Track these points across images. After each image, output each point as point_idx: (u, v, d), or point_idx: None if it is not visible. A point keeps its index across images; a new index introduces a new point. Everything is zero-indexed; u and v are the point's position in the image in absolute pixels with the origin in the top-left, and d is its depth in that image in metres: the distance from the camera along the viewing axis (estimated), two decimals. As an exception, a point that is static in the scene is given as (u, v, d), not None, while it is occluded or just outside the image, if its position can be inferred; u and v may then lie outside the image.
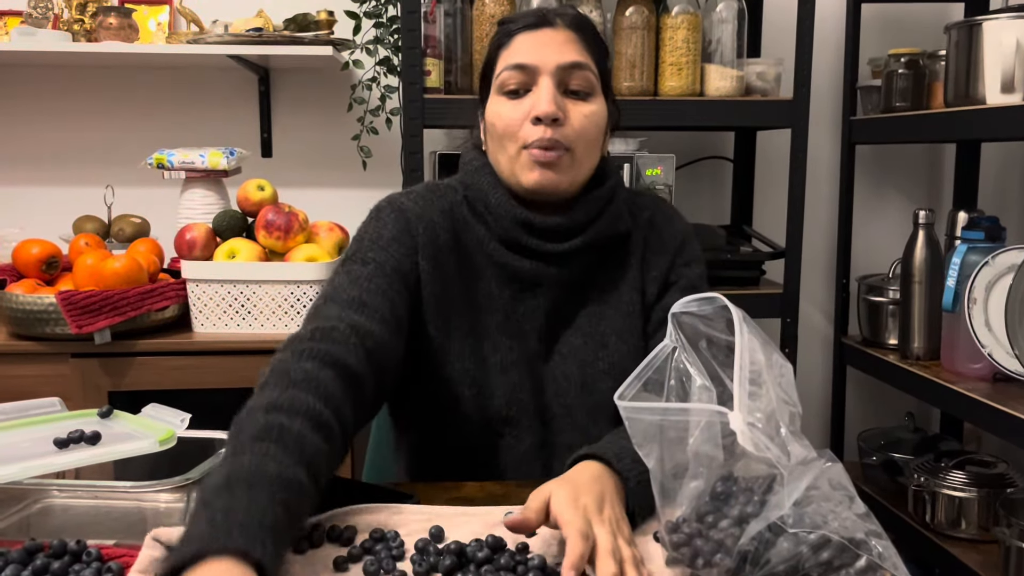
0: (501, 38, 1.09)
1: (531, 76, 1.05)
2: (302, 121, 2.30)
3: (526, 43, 1.06)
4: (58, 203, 2.22)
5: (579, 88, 1.06)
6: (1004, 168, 2.35)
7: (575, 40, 1.06)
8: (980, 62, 1.67)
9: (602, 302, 1.13)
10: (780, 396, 0.76)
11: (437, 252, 1.08)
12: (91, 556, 0.79)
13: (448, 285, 1.08)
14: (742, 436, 0.70)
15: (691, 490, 0.76)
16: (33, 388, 1.61)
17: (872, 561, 0.70)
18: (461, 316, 1.09)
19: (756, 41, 2.18)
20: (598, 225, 1.10)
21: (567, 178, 1.06)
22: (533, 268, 1.09)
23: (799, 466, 0.72)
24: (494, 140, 1.09)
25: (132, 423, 0.98)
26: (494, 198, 1.08)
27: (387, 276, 1.03)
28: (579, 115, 1.05)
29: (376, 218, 1.10)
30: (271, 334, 1.76)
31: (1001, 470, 1.82)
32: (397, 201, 1.11)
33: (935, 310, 1.81)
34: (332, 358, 0.89)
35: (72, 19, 2.10)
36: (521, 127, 1.05)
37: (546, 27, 1.06)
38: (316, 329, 0.93)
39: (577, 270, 1.11)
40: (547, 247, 1.08)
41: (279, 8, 2.13)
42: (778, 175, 2.15)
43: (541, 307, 1.11)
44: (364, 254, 1.05)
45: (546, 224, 1.07)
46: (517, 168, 1.06)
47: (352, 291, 1.00)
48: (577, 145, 1.05)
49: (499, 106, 1.07)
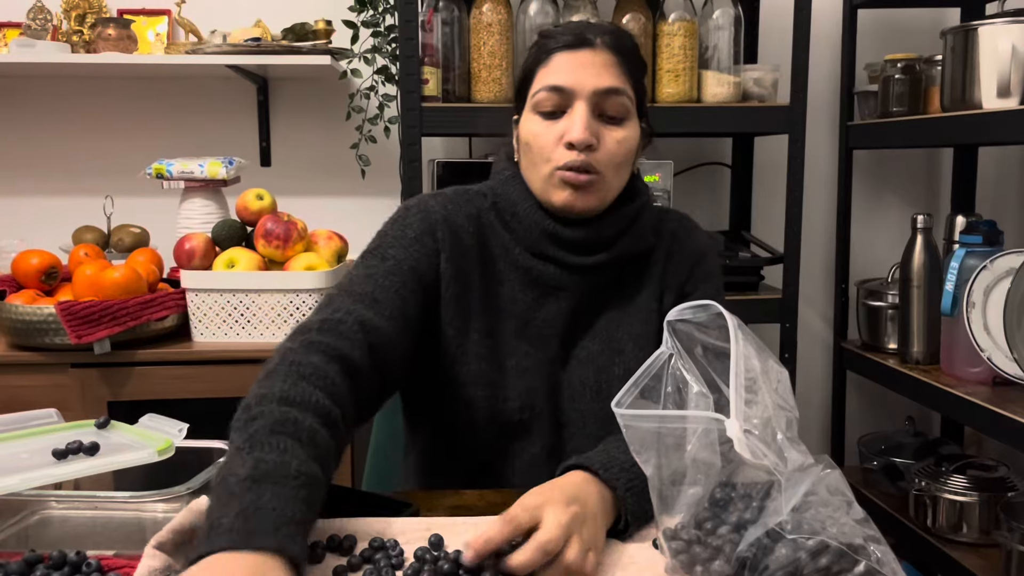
0: (540, 54, 1.09)
1: (567, 99, 1.05)
2: (301, 130, 2.30)
3: (564, 64, 1.06)
4: (57, 214, 2.23)
5: (614, 114, 1.06)
6: (1001, 172, 2.36)
7: (614, 64, 1.06)
8: (976, 67, 1.67)
9: (621, 309, 1.14)
10: (776, 402, 0.76)
11: (460, 255, 1.09)
12: (91, 567, 0.79)
13: (469, 287, 1.09)
14: (739, 444, 0.70)
15: (689, 497, 0.76)
16: (33, 398, 1.61)
17: (871, 566, 0.70)
18: (480, 319, 1.10)
19: (753, 47, 2.19)
20: (623, 242, 1.11)
21: (596, 199, 1.07)
22: (556, 274, 1.10)
23: (797, 472, 0.72)
24: (527, 157, 1.10)
25: (130, 433, 0.99)
26: (522, 208, 1.10)
27: (403, 274, 1.04)
28: (612, 141, 1.06)
29: (402, 216, 1.11)
30: (271, 343, 1.75)
31: (1002, 474, 1.81)
32: (425, 202, 1.12)
33: (934, 314, 1.81)
34: (338, 353, 0.90)
35: (71, 30, 2.10)
36: (555, 149, 1.05)
37: (586, 48, 1.06)
38: (325, 320, 0.94)
39: (599, 280, 1.12)
40: (571, 259, 1.09)
41: (277, 18, 2.14)
42: (776, 181, 2.16)
43: (562, 313, 1.11)
44: (384, 250, 1.07)
45: (572, 236, 1.08)
46: (548, 187, 1.07)
47: (366, 286, 1.01)
48: (607, 169, 1.06)
49: (534, 124, 1.08)
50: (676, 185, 1.95)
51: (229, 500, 0.70)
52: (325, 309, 0.98)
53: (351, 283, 1.03)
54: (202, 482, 0.88)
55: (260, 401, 0.81)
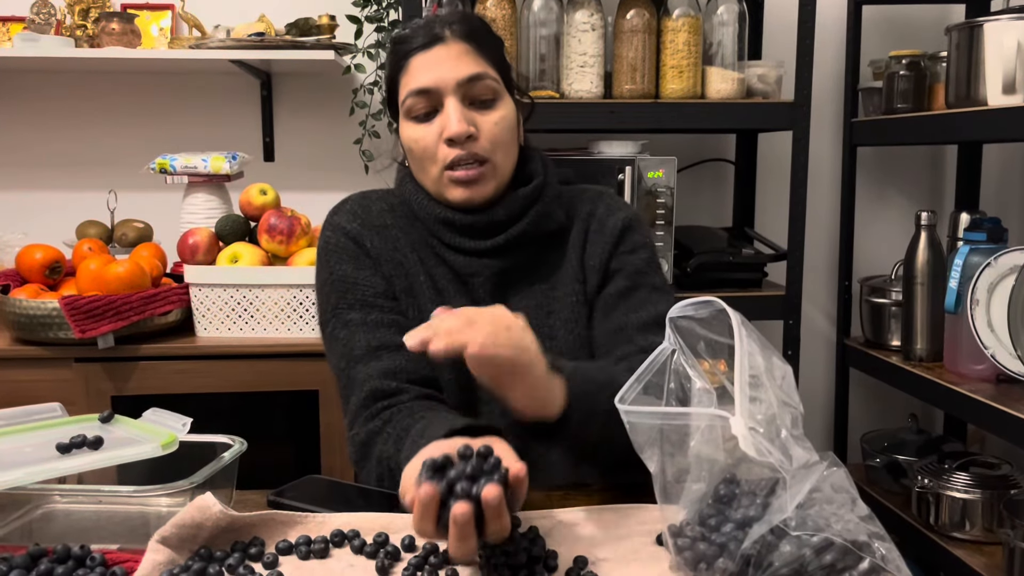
0: (397, 61, 1.11)
1: (435, 98, 1.07)
2: (304, 125, 2.30)
3: (422, 65, 1.07)
4: (61, 208, 2.23)
5: (484, 97, 1.08)
6: (1006, 169, 2.35)
7: (468, 51, 1.08)
8: (981, 63, 1.67)
9: (546, 295, 1.15)
10: (781, 398, 0.76)
11: (393, 252, 1.13)
12: (95, 561, 0.79)
13: (411, 276, 1.13)
14: (744, 441, 0.70)
15: (693, 493, 0.76)
16: (36, 393, 1.61)
17: (875, 563, 0.70)
18: (430, 303, 1.11)
19: (757, 43, 2.18)
20: (523, 223, 1.11)
21: (492, 186, 1.09)
22: (465, 263, 1.12)
23: (801, 469, 0.72)
24: (414, 163, 1.12)
25: (134, 428, 0.99)
26: (416, 203, 1.12)
27: (378, 306, 1.09)
28: (489, 124, 1.08)
29: (331, 256, 1.13)
30: (273, 338, 1.76)
31: (1005, 471, 1.81)
32: (338, 225, 1.15)
33: (938, 311, 1.81)
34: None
35: (74, 25, 2.10)
36: (437, 149, 1.07)
37: (438, 44, 1.07)
38: (369, 395, 1.03)
39: (511, 263, 1.13)
40: (470, 244, 1.11)
41: (281, 13, 2.14)
42: (780, 177, 2.15)
43: (481, 301, 1.12)
44: (349, 299, 1.10)
45: (467, 221, 1.10)
46: (442, 188, 1.09)
47: (363, 341, 1.07)
48: (495, 153, 1.08)
49: (411, 131, 1.10)
50: (679, 181, 1.94)
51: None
52: (354, 388, 1.05)
53: (350, 350, 1.07)
54: (206, 476, 0.88)
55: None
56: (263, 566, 0.80)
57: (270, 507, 0.92)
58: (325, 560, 0.82)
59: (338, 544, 0.85)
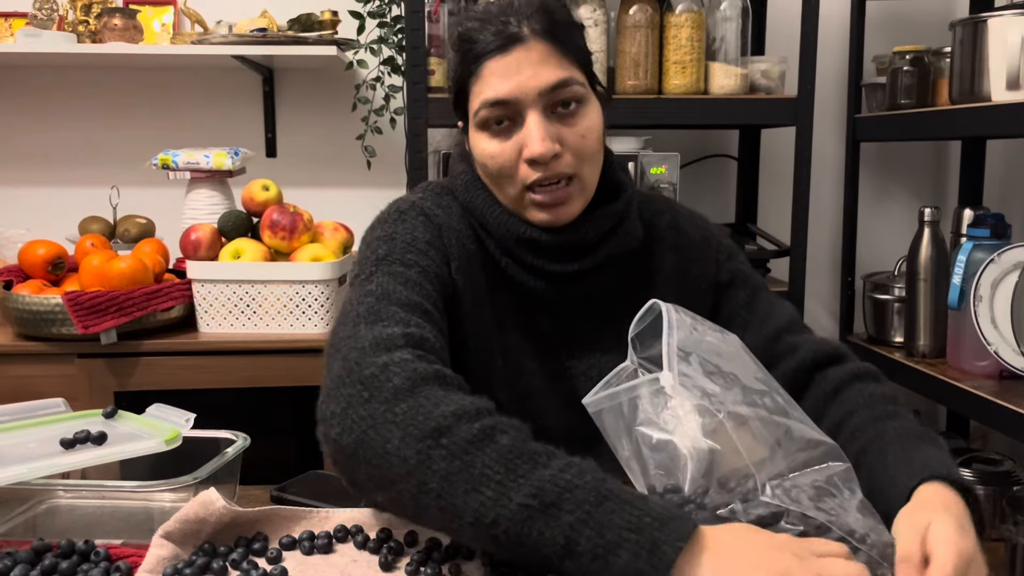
0: (468, 66, 0.94)
1: (513, 109, 0.92)
2: (306, 121, 2.30)
3: (498, 72, 0.92)
4: (63, 204, 2.23)
5: (568, 99, 0.93)
6: (1010, 165, 2.35)
7: (552, 52, 0.92)
8: (985, 59, 1.66)
9: (631, 315, 0.95)
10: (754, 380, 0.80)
11: (467, 264, 0.97)
12: (99, 556, 0.79)
13: (480, 301, 0.98)
14: (670, 388, 0.73)
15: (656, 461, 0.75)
16: (39, 388, 1.62)
17: (872, 557, 0.71)
18: (495, 336, 0.98)
19: (760, 39, 2.18)
20: (612, 242, 1.00)
21: (578, 205, 0.96)
22: (548, 289, 0.99)
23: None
24: (488, 176, 0.97)
25: (137, 423, 0.99)
26: (492, 217, 0.98)
27: (432, 283, 0.92)
28: (576, 137, 0.94)
29: (403, 220, 0.96)
30: (276, 334, 1.76)
31: (1008, 468, 1.81)
32: (419, 205, 0.98)
33: (941, 308, 1.81)
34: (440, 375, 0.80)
35: (77, 20, 2.10)
36: (517, 168, 0.94)
37: (516, 47, 0.92)
38: (407, 335, 0.82)
39: (597, 286, 1.01)
40: (554, 267, 0.98)
41: (283, 8, 2.14)
42: (783, 173, 2.15)
43: (564, 327, 1.01)
44: (403, 256, 0.92)
45: (553, 242, 0.97)
46: (523, 209, 0.96)
47: (411, 294, 0.88)
48: (582, 168, 0.95)
49: (486, 145, 0.95)
50: (682, 177, 1.94)
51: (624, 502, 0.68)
52: (384, 322, 0.83)
53: (387, 292, 0.87)
54: (209, 472, 0.89)
55: (457, 423, 0.73)
56: (266, 561, 0.81)
57: (273, 502, 0.93)
58: (328, 555, 0.83)
59: (341, 539, 0.85)
